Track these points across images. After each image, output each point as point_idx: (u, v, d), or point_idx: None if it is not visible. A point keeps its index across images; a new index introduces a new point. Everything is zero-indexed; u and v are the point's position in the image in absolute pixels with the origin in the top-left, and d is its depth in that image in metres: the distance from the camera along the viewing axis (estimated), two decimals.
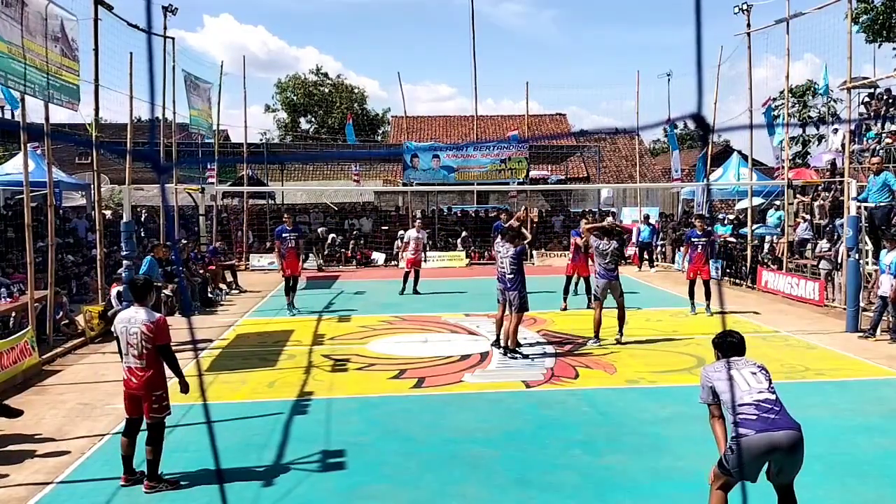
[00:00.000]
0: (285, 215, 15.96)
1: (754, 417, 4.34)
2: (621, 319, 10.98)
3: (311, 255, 22.48)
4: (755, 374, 4.59)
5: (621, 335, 10.94)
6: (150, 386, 5.80)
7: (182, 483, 5.89)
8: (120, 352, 5.97)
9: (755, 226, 18.60)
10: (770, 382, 4.57)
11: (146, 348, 5.78)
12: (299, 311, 14.27)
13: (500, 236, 10.99)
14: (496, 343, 10.64)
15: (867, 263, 12.86)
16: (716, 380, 4.59)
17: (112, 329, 6.13)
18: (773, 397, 4.46)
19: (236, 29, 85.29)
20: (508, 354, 10.15)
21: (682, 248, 16.04)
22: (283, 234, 14.35)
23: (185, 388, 6.07)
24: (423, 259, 16.85)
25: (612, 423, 7.39)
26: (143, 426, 5.93)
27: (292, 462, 6.38)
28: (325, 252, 23.83)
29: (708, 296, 13.43)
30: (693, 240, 13.65)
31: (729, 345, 4.82)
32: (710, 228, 14.54)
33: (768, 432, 4.28)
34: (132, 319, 5.85)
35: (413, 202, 28.16)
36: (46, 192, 11.79)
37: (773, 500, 4.60)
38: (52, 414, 7.85)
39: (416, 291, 16.32)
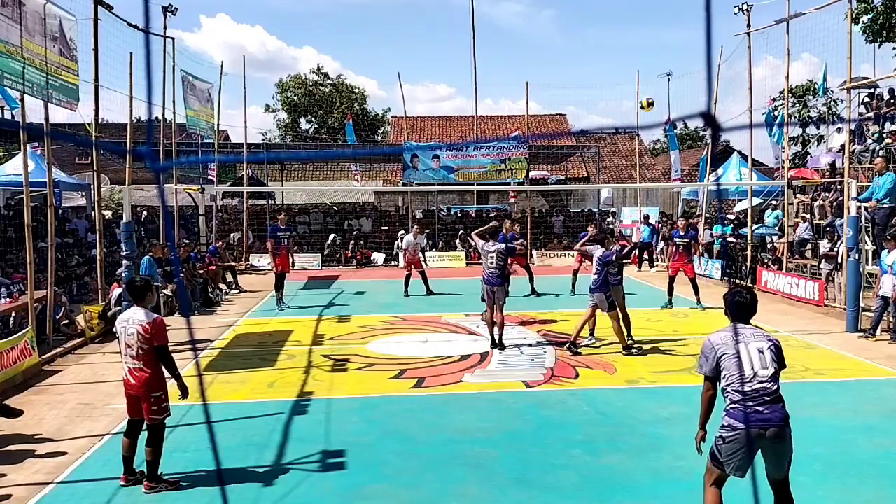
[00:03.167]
0: (282, 214, 16.40)
1: (746, 410, 4.28)
2: (627, 323, 10.76)
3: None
4: (762, 352, 4.39)
5: (631, 339, 10.74)
6: (148, 387, 5.78)
7: (182, 483, 5.89)
8: (121, 352, 5.96)
9: (755, 226, 18.59)
10: (777, 363, 4.40)
11: (142, 349, 5.76)
12: (289, 307, 14.85)
13: (488, 236, 11.13)
14: (498, 344, 10.64)
15: (867, 264, 12.85)
16: (722, 354, 4.39)
17: (114, 329, 6.12)
18: (773, 387, 4.33)
19: (234, 29, 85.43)
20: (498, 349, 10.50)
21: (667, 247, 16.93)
22: (278, 233, 15.06)
23: (184, 392, 5.99)
24: (421, 260, 16.86)
25: (612, 423, 7.39)
26: (144, 427, 5.93)
27: (292, 462, 6.38)
28: (325, 252, 23.87)
29: (696, 291, 14.14)
30: (675, 239, 14.55)
31: (738, 305, 4.54)
32: (692, 229, 15.55)
33: (755, 428, 4.24)
34: (130, 320, 5.84)
35: (413, 202, 28.14)
36: (46, 192, 11.79)
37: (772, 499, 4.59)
38: (52, 414, 7.85)
39: (429, 292, 16.28)
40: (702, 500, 4.60)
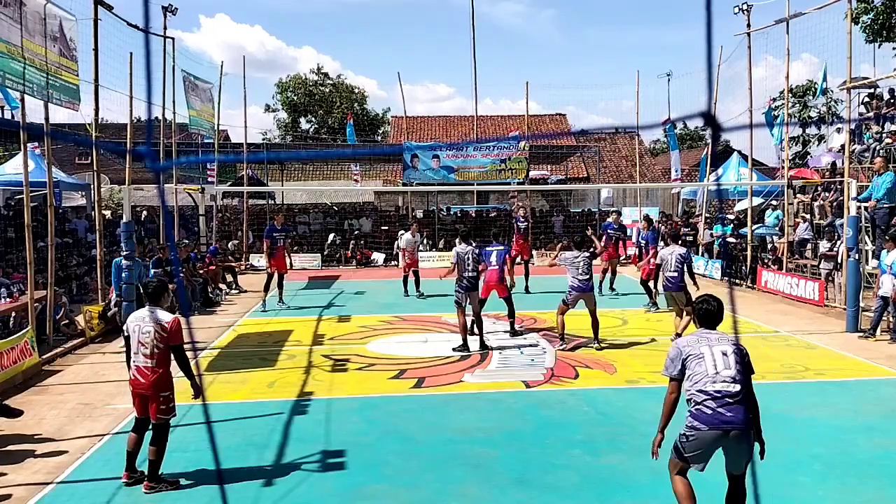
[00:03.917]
0: (279, 215, 16.25)
1: (709, 411, 4.36)
2: (595, 327, 10.72)
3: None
4: (727, 355, 4.49)
5: (597, 341, 10.70)
6: (157, 386, 5.84)
7: (182, 483, 5.89)
8: (128, 351, 6.00)
9: (755, 226, 18.60)
10: (742, 366, 4.47)
11: (158, 348, 5.83)
12: (287, 307, 14.79)
13: (461, 239, 11.28)
14: (463, 347, 10.68)
15: (867, 263, 12.85)
16: (688, 355, 4.54)
17: (123, 329, 6.17)
18: (736, 389, 4.38)
19: (233, 29, 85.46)
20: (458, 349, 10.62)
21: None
22: (274, 234, 14.90)
23: (197, 391, 6.09)
24: (418, 260, 16.85)
25: (612, 423, 7.39)
26: (150, 426, 5.96)
27: (292, 462, 6.38)
28: (325, 252, 23.87)
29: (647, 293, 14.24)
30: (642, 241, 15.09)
31: (704, 312, 4.75)
32: (651, 231, 15.73)
33: (717, 429, 4.33)
34: (146, 318, 5.90)
35: (413, 202, 28.13)
36: (46, 192, 11.79)
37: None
38: (52, 414, 7.85)
39: (418, 293, 16.29)
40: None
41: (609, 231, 16.50)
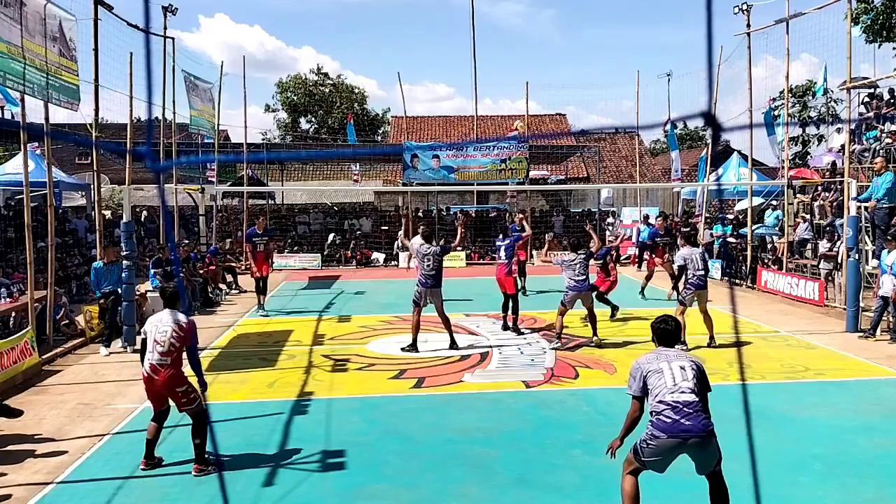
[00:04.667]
0: (260, 218, 15.84)
1: (669, 420, 4.51)
2: (593, 322, 10.84)
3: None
4: (684, 368, 4.67)
5: (596, 336, 10.80)
6: (171, 384, 6.04)
7: (181, 483, 5.90)
8: (142, 353, 6.21)
9: (755, 226, 18.60)
10: (698, 380, 4.63)
11: (174, 346, 6.06)
12: (267, 313, 14.28)
13: (422, 238, 11.26)
14: (412, 347, 10.63)
15: (867, 263, 12.85)
16: (648, 371, 4.73)
17: (141, 332, 6.52)
18: (694, 399, 4.54)
19: (233, 29, 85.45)
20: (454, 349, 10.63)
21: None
22: (254, 238, 14.64)
23: (203, 386, 6.31)
24: None
25: (612, 423, 7.36)
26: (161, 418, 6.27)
27: (292, 462, 6.38)
28: (325, 252, 23.86)
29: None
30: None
31: (662, 332, 4.99)
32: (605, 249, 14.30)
33: (676, 438, 4.48)
34: (163, 319, 6.19)
35: (413, 202, 28.12)
36: (46, 192, 11.79)
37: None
38: (52, 414, 7.85)
39: None
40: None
41: (657, 239, 16.28)
